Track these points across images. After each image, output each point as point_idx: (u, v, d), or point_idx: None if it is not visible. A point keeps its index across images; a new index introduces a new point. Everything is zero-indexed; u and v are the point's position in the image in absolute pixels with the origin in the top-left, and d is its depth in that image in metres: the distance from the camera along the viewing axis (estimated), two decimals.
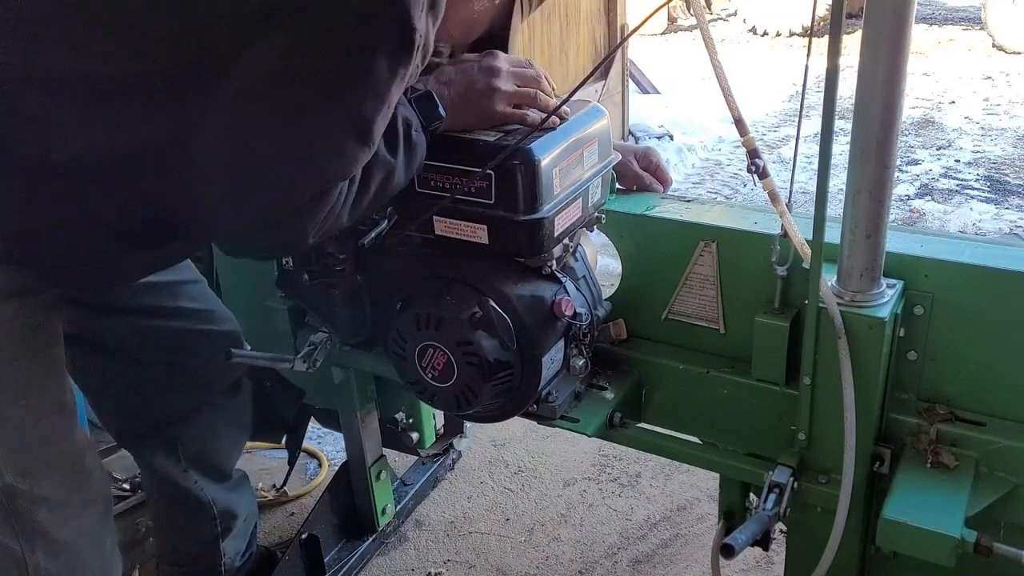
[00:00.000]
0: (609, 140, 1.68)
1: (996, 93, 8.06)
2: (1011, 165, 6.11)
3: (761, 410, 1.65)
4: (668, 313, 1.77)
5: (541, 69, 1.57)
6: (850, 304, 1.44)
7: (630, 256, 1.79)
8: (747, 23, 11.66)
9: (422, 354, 1.56)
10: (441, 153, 1.50)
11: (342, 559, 2.54)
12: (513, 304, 1.53)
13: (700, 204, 1.78)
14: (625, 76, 6.22)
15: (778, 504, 1.51)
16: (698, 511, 2.74)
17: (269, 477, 3.01)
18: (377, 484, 2.55)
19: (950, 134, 6.86)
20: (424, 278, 1.60)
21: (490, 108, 1.51)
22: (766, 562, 2.46)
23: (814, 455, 1.56)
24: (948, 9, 12.54)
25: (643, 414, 1.82)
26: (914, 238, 1.55)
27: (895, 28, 1.28)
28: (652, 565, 2.55)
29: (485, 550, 2.64)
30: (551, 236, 1.52)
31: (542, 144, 1.48)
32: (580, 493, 2.86)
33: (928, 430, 1.51)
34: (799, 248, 1.50)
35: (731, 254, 1.66)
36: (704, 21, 1.49)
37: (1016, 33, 9.63)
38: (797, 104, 7.69)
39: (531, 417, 1.69)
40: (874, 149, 1.35)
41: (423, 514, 2.80)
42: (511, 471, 2.98)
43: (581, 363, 1.66)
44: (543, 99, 1.54)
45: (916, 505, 1.40)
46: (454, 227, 1.55)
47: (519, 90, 1.53)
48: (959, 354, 1.50)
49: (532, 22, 5.10)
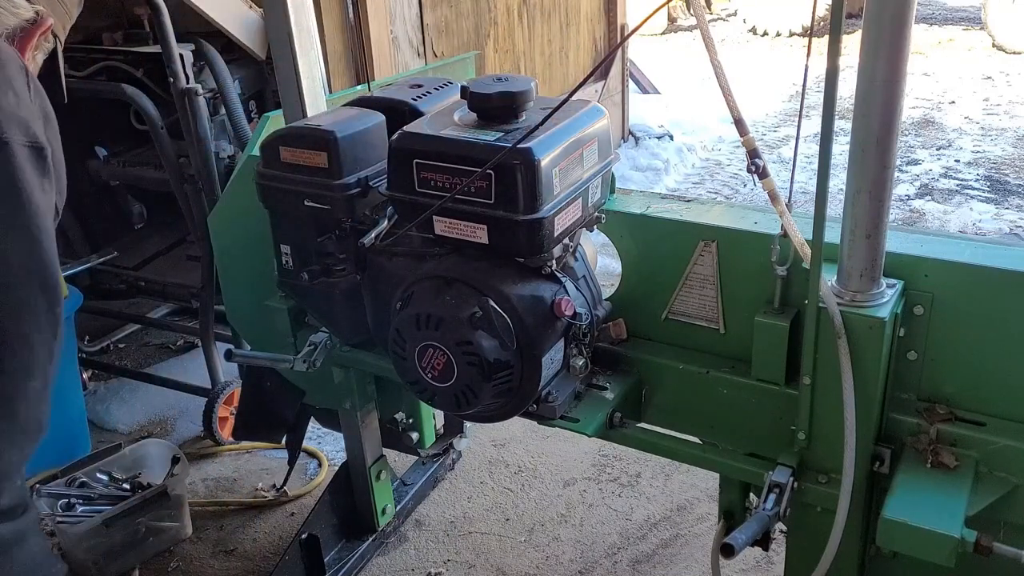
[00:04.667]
0: (609, 140, 1.68)
1: (996, 93, 8.06)
2: (1011, 165, 6.11)
3: (761, 410, 1.65)
4: (668, 313, 1.77)
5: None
6: (850, 304, 1.44)
7: (630, 256, 1.79)
8: (747, 23, 11.66)
9: (422, 354, 1.56)
10: (441, 153, 1.50)
11: (342, 559, 2.54)
12: (513, 304, 1.53)
13: (700, 204, 1.78)
14: (625, 76, 6.22)
15: (778, 504, 1.51)
16: (698, 511, 2.74)
17: (269, 477, 3.01)
18: (377, 484, 2.55)
19: (950, 134, 6.86)
20: (424, 278, 1.60)
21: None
22: (766, 562, 2.47)
23: (814, 455, 1.56)
24: (948, 9, 12.54)
25: (643, 414, 1.82)
26: (914, 238, 1.55)
27: (895, 28, 1.28)
28: (652, 565, 2.55)
29: (485, 550, 2.64)
30: (551, 236, 1.52)
31: (542, 144, 1.48)
32: (580, 493, 2.86)
33: (928, 430, 1.51)
34: (799, 248, 1.50)
35: (731, 254, 1.66)
36: (704, 21, 1.49)
37: (1016, 33, 9.62)
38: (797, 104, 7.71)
39: (531, 417, 1.69)
40: (874, 149, 1.35)
41: (423, 514, 2.80)
42: (511, 471, 2.98)
43: (581, 363, 1.66)
44: None
45: (916, 505, 1.40)
46: (454, 227, 1.55)
47: None
48: (959, 354, 1.50)
49: (532, 22, 5.10)
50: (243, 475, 3.06)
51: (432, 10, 4.18)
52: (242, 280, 2.22)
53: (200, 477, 3.05)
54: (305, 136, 1.74)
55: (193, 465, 3.04)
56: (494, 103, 1.55)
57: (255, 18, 3.03)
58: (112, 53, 3.07)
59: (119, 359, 3.87)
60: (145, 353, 3.92)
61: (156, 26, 2.73)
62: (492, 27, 4.76)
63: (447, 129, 1.56)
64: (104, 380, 3.63)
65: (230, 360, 2.15)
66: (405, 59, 4.00)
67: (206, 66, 2.94)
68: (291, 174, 1.76)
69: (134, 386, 3.52)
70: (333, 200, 1.73)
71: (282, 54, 1.99)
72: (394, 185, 1.59)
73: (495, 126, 1.55)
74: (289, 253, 1.86)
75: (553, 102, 1.57)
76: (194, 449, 3.18)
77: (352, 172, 1.73)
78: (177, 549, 2.70)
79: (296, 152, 1.75)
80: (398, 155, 1.57)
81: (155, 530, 2.57)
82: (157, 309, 3.80)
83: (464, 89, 1.57)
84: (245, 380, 2.66)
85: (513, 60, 5.00)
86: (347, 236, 1.78)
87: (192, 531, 2.69)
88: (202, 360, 3.22)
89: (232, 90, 2.93)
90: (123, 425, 3.39)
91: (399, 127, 1.61)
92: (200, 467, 3.10)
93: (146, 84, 3.01)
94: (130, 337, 3.99)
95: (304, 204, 1.75)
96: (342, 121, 1.75)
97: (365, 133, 1.76)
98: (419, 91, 1.89)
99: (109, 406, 3.46)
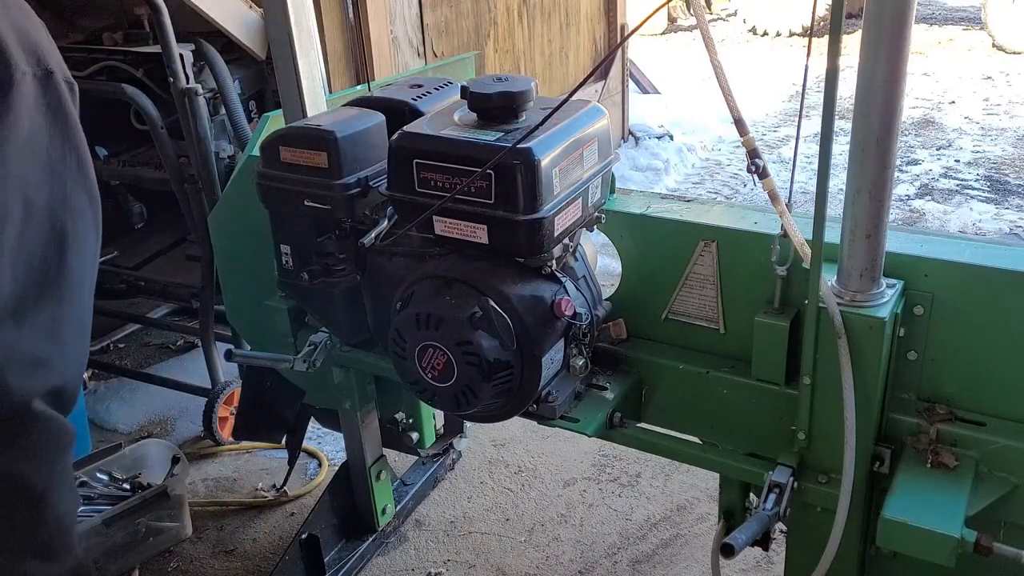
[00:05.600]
0: (609, 140, 1.67)
1: (996, 93, 8.06)
2: (1011, 165, 6.11)
3: (761, 410, 1.65)
4: (668, 313, 1.77)
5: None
6: (850, 304, 1.44)
7: (630, 256, 1.79)
8: (747, 23, 11.65)
9: (422, 354, 1.56)
10: (441, 153, 1.50)
11: (342, 559, 2.54)
12: (513, 304, 1.53)
13: (700, 204, 1.78)
14: (625, 76, 6.22)
15: (778, 504, 1.51)
16: (698, 511, 2.74)
17: (269, 477, 3.01)
18: (377, 484, 2.55)
19: (950, 134, 6.86)
20: (424, 278, 1.60)
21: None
22: (766, 562, 2.47)
23: (814, 455, 1.56)
24: (948, 9, 12.54)
25: (643, 414, 1.82)
26: (914, 238, 1.55)
27: (895, 28, 1.28)
28: (652, 565, 2.55)
29: (485, 550, 2.64)
30: (551, 236, 1.52)
31: (542, 144, 1.48)
32: (580, 493, 2.86)
33: (928, 430, 1.51)
34: (799, 248, 1.50)
35: (731, 254, 1.66)
36: (704, 21, 1.49)
37: (1016, 33, 9.62)
38: (797, 104, 7.71)
39: (531, 417, 1.69)
40: (874, 149, 1.35)
41: (423, 514, 2.80)
42: (511, 471, 2.98)
43: (581, 363, 1.66)
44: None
45: (916, 505, 1.40)
46: (454, 227, 1.55)
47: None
48: (959, 354, 1.50)
49: (532, 22, 5.11)
50: (243, 475, 3.06)
51: (432, 10, 4.18)
52: (242, 280, 2.22)
53: (200, 477, 3.05)
54: (305, 136, 1.74)
55: (193, 465, 3.04)
56: (494, 103, 1.55)
57: (255, 18, 3.04)
58: (112, 53, 3.07)
59: (119, 359, 3.87)
60: (145, 353, 3.92)
61: (156, 26, 2.73)
62: (492, 27, 4.76)
63: (447, 129, 1.56)
64: (104, 380, 3.63)
65: (230, 360, 2.14)
66: (405, 59, 4.00)
67: (206, 66, 2.94)
68: (291, 174, 1.76)
69: (134, 386, 3.52)
70: (333, 200, 1.73)
71: (282, 54, 1.99)
72: (394, 185, 1.59)
73: (495, 126, 1.55)
74: (289, 253, 1.86)
75: (553, 102, 1.57)
76: (194, 449, 3.18)
77: (352, 172, 1.73)
78: (177, 549, 2.70)
79: (296, 152, 1.75)
80: (398, 155, 1.57)
81: (155, 530, 2.57)
82: (157, 309, 3.80)
83: (464, 89, 1.57)
84: (245, 380, 2.66)
85: (513, 60, 5.00)
86: (347, 236, 1.78)
87: (192, 531, 2.70)
88: (202, 360, 3.22)
89: (232, 90, 2.93)
90: (123, 425, 3.39)
91: (399, 127, 1.61)
92: (200, 467, 3.11)
93: (146, 84, 3.01)
94: (130, 337, 3.99)
95: (304, 204, 1.75)
96: (342, 121, 1.75)
97: (365, 133, 1.76)
98: (419, 91, 1.89)
99: (109, 406, 3.46)
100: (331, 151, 1.70)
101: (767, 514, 1.50)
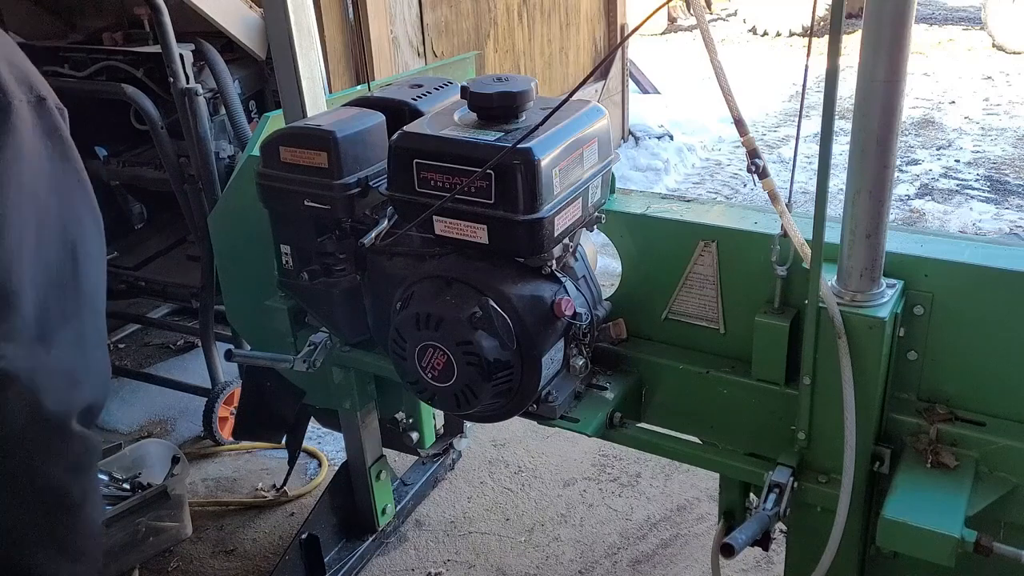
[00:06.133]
0: (609, 140, 1.67)
1: (996, 93, 8.06)
2: (1011, 165, 6.11)
3: (761, 410, 1.65)
4: (668, 313, 1.77)
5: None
6: (850, 304, 1.44)
7: (630, 256, 1.79)
8: (747, 23, 11.66)
9: (422, 354, 1.56)
10: (441, 153, 1.50)
11: (342, 559, 2.54)
12: (513, 304, 1.53)
13: (700, 204, 1.78)
14: (625, 76, 6.22)
15: (778, 504, 1.51)
16: (698, 511, 2.74)
17: (269, 477, 3.01)
18: (377, 484, 2.55)
19: (950, 134, 6.86)
20: (424, 278, 1.60)
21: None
22: (766, 562, 2.46)
23: (814, 455, 1.56)
24: (948, 9, 12.54)
25: (643, 414, 1.82)
26: (914, 238, 1.55)
27: (895, 28, 1.28)
28: (652, 565, 2.55)
29: (485, 550, 2.64)
30: (551, 236, 1.52)
31: (542, 144, 1.48)
32: (580, 493, 2.86)
33: (928, 430, 1.51)
34: (799, 248, 1.50)
35: (731, 254, 1.66)
36: (704, 21, 1.49)
37: (1016, 33, 9.62)
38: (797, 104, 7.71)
39: (531, 417, 1.69)
40: (874, 149, 1.35)
41: (423, 514, 2.80)
42: (511, 471, 2.98)
43: (581, 363, 1.67)
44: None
45: (916, 505, 1.40)
46: (454, 227, 1.55)
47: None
48: (959, 354, 1.50)
49: (532, 22, 5.11)
50: (243, 475, 3.06)
51: (432, 10, 4.18)
52: (242, 280, 2.22)
53: (200, 477, 3.05)
54: (305, 136, 1.74)
55: (193, 465, 3.04)
56: (494, 103, 1.55)
57: (255, 18, 3.04)
58: (112, 53, 3.07)
59: (119, 359, 3.87)
60: (145, 353, 3.92)
61: (156, 26, 2.73)
62: (492, 27, 4.76)
63: (447, 129, 1.56)
64: None
65: (230, 360, 2.15)
66: (405, 59, 4.00)
67: (206, 66, 2.94)
68: (291, 174, 1.76)
69: (134, 386, 3.52)
70: (333, 200, 1.73)
71: (282, 54, 1.99)
72: (394, 185, 1.59)
73: (495, 126, 1.55)
74: (289, 253, 1.86)
75: (553, 102, 1.57)
76: (194, 449, 3.18)
77: (352, 172, 1.73)
78: (177, 549, 2.70)
79: (296, 152, 1.75)
80: (398, 155, 1.57)
81: (155, 530, 2.57)
82: (157, 309, 3.80)
83: (464, 89, 1.57)
84: (245, 380, 2.66)
85: (513, 60, 5.00)
86: (347, 236, 1.78)
87: (192, 531, 2.70)
88: (202, 360, 3.22)
89: (232, 90, 2.93)
90: (123, 425, 3.39)
91: (399, 127, 1.61)
92: (200, 467, 3.11)
93: (146, 84, 3.01)
94: (130, 337, 4.00)
95: (304, 204, 1.75)
96: (342, 121, 1.75)
97: (365, 133, 1.76)
98: (419, 91, 1.89)
99: (109, 406, 3.45)
100: (331, 151, 1.70)
101: (767, 514, 1.50)
